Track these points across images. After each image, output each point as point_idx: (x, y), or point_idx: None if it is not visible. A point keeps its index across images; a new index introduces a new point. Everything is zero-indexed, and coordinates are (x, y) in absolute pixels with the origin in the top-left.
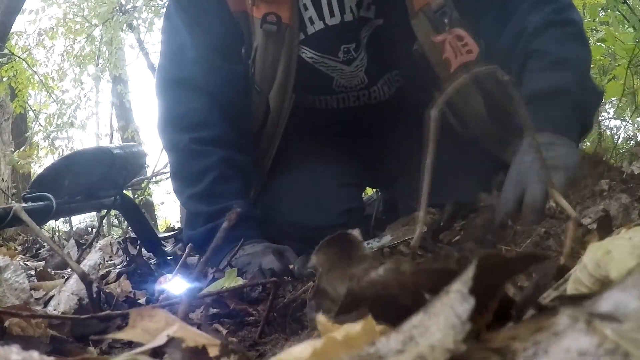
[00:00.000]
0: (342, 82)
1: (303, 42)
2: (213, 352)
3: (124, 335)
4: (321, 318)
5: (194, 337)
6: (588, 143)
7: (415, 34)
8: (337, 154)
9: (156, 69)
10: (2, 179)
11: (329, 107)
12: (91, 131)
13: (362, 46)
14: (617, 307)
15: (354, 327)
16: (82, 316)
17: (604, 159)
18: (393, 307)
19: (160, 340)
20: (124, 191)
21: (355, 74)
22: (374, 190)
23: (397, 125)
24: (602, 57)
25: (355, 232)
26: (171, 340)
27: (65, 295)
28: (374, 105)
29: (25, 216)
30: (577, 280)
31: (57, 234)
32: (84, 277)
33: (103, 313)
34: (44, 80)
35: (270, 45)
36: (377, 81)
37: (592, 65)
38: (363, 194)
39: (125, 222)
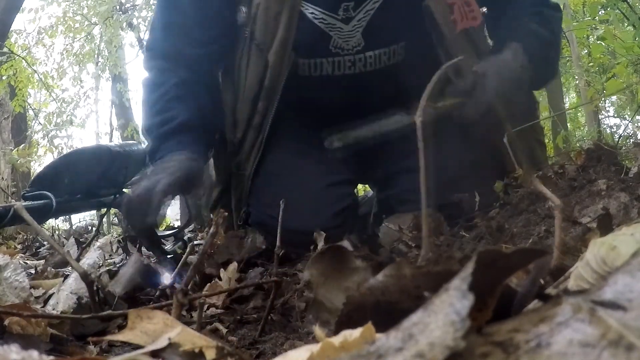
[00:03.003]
0: (339, 42)
1: None
2: (210, 354)
3: (122, 337)
4: (318, 331)
5: (192, 339)
6: (587, 140)
7: None
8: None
9: None
10: (2, 178)
11: (324, 74)
12: (91, 129)
13: (362, 6)
14: (622, 291)
15: (353, 334)
16: (83, 316)
17: (604, 156)
18: (393, 314)
19: (161, 343)
20: (124, 189)
21: (352, 34)
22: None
23: (391, 110)
24: (601, 55)
25: (346, 244)
26: (169, 344)
27: (64, 294)
28: (368, 78)
29: (25, 214)
30: (580, 276)
31: (56, 232)
32: (85, 277)
33: (104, 313)
34: (43, 79)
35: (273, 1)
36: (375, 47)
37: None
38: (356, 191)
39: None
